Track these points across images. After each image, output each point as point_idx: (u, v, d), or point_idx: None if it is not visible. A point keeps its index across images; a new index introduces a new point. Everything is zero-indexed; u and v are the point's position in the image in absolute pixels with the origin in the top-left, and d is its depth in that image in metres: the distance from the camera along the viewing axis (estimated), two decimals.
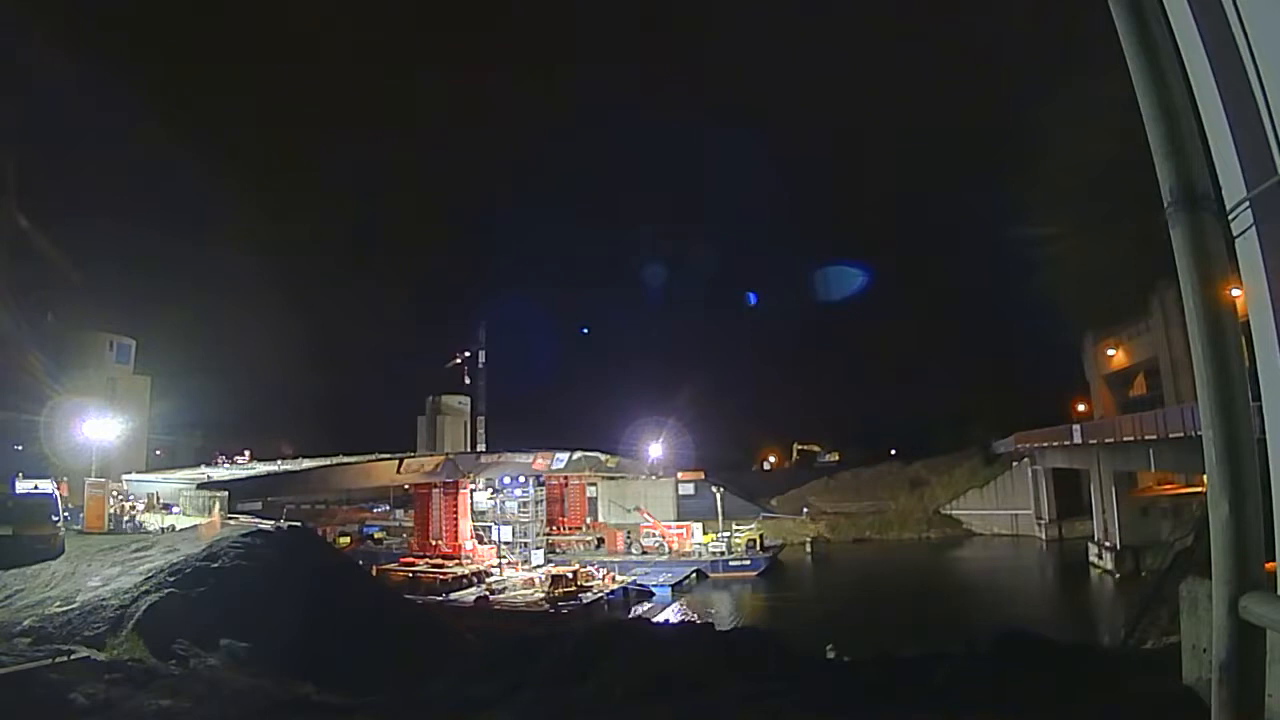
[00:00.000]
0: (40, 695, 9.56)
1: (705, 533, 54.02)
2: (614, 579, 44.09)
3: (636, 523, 59.12)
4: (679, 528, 55.56)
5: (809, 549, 61.62)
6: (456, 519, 49.01)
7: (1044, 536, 59.29)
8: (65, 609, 14.13)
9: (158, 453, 55.39)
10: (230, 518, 25.82)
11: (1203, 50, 2.55)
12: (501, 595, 40.93)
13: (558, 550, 55.31)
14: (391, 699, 11.20)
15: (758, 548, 53.53)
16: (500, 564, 47.47)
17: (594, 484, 65.46)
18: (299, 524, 28.11)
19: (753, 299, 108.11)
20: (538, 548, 52.66)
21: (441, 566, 45.06)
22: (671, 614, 41.54)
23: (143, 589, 14.76)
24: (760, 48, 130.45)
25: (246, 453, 56.91)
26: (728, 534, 54.04)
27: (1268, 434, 2.42)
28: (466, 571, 44.50)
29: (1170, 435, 34.42)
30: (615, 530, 58.54)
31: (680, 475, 68.14)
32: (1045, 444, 56.61)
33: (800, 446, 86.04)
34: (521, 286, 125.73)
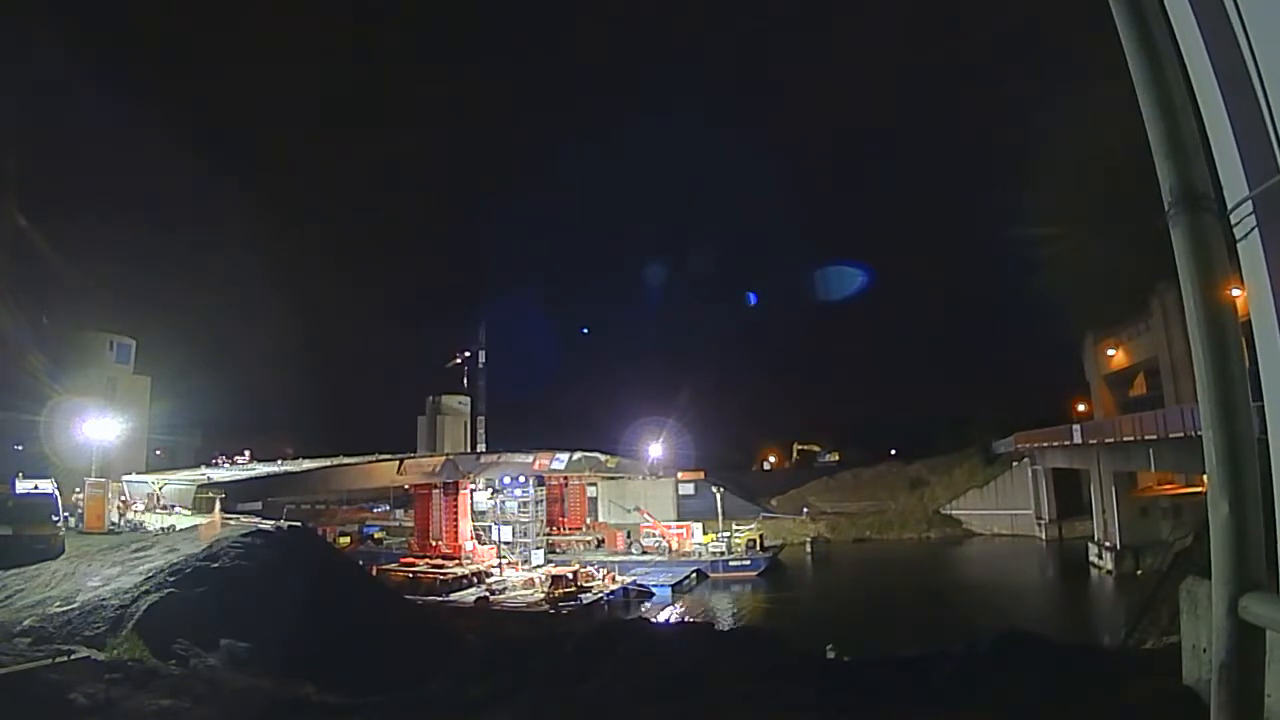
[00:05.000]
0: (40, 695, 9.55)
1: (705, 533, 54.02)
2: (614, 579, 44.08)
3: (636, 523, 59.09)
4: (679, 528, 55.54)
5: (809, 549, 61.59)
6: (457, 519, 48.96)
7: (1044, 536, 59.30)
8: (65, 609, 14.13)
9: (158, 453, 55.34)
10: (230, 518, 25.80)
11: (1203, 49, 2.55)
12: (501, 596, 40.91)
13: (558, 550, 55.30)
14: (391, 699, 11.18)
15: (758, 548, 53.55)
16: (500, 564, 47.44)
17: (594, 484, 65.44)
18: (299, 524, 28.07)
19: (753, 299, 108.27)
20: (538, 548, 52.66)
21: (442, 567, 45.03)
22: (671, 614, 41.54)
23: (143, 589, 14.77)
24: (761, 47, 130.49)
25: (246, 453, 56.89)
26: (728, 534, 54.05)
27: (1268, 434, 2.42)
28: (466, 572, 44.46)
29: (1170, 435, 34.45)
30: (615, 530, 58.53)
31: (680, 475, 68.15)
32: (1045, 444, 56.60)
33: (800, 446, 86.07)
34: (521, 286, 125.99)
